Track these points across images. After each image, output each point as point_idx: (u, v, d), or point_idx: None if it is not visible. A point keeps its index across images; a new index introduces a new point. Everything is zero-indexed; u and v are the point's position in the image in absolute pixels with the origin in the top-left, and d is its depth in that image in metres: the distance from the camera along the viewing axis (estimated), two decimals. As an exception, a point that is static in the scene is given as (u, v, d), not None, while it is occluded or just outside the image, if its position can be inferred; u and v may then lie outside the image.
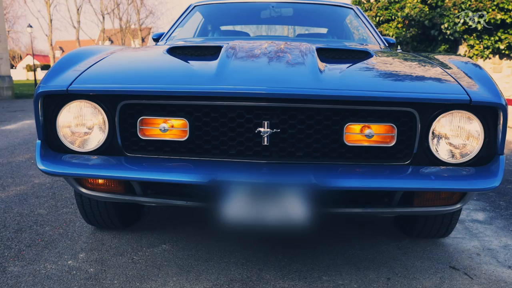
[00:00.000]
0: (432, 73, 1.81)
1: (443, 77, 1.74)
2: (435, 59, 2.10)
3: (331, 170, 1.64)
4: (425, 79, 1.75)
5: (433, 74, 1.79)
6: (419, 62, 2.02)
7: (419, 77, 1.77)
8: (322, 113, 1.65)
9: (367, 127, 1.67)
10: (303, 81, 1.62)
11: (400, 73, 1.82)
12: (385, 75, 1.78)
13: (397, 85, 1.67)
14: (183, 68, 1.86)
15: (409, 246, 2.45)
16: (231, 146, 1.69)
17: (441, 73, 1.79)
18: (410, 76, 1.78)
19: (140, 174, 1.61)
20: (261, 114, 1.64)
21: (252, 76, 1.67)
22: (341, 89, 1.59)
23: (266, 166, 1.64)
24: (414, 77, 1.78)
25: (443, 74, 1.78)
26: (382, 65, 1.94)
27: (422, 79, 1.75)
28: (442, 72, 1.80)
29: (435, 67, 1.90)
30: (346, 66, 1.84)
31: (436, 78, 1.74)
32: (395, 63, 2.02)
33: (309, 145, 1.68)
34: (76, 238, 2.44)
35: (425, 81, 1.73)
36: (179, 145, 1.71)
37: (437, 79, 1.73)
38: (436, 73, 1.80)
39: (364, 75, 1.77)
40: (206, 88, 1.60)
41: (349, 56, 2.03)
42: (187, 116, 1.67)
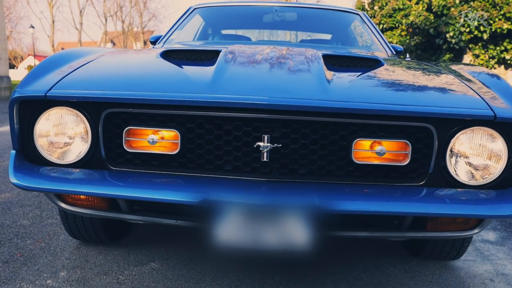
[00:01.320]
0: (450, 84, 1.64)
1: (463, 90, 1.58)
2: (450, 69, 1.94)
3: (337, 191, 1.47)
4: (443, 91, 1.58)
5: (451, 86, 1.63)
6: (435, 73, 1.86)
7: (437, 89, 1.60)
8: (328, 127, 1.48)
9: (378, 144, 1.50)
10: (308, 91, 1.46)
11: (415, 84, 1.65)
12: (399, 86, 1.61)
13: (413, 97, 1.50)
14: (176, 74, 1.69)
15: (416, 269, 2.28)
16: (227, 161, 1.52)
17: (461, 85, 1.63)
18: (427, 88, 1.61)
19: (124, 191, 1.44)
20: (260, 126, 1.47)
21: (252, 84, 1.51)
22: (350, 101, 1.42)
23: (265, 184, 1.48)
24: (431, 89, 1.61)
25: (462, 86, 1.61)
26: (394, 75, 1.77)
27: (440, 91, 1.58)
28: (462, 84, 1.64)
29: (453, 78, 1.74)
30: (356, 75, 1.68)
31: (456, 90, 1.58)
32: (408, 73, 1.85)
33: (313, 162, 1.51)
34: (58, 253, 2.26)
35: (443, 93, 1.56)
36: (169, 159, 1.55)
37: (457, 92, 1.56)
38: (455, 85, 1.63)
39: (376, 86, 1.61)
40: (200, 97, 1.43)
41: (358, 64, 1.87)
42: (179, 127, 1.50)
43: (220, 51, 1.80)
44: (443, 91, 1.58)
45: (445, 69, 1.94)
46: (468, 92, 1.55)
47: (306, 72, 1.61)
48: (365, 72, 1.74)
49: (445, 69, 1.94)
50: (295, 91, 1.46)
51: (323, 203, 1.39)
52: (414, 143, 1.50)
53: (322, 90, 1.47)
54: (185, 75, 1.63)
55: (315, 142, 1.49)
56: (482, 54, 9.82)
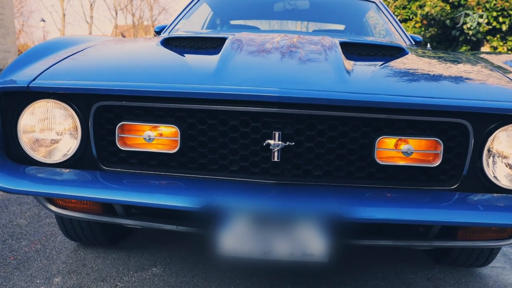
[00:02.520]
0: (487, 75, 1.45)
1: (502, 81, 1.38)
2: (482, 59, 1.74)
3: (357, 195, 1.29)
4: (479, 83, 1.39)
5: (488, 77, 1.43)
6: (466, 62, 1.66)
7: (472, 81, 1.41)
8: (348, 123, 1.30)
9: (404, 142, 1.32)
10: (325, 82, 1.28)
11: (447, 75, 1.46)
12: (428, 76, 1.42)
13: (445, 89, 1.32)
14: (177, 62, 1.52)
15: (440, 276, 2.09)
16: (233, 161, 1.35)
17: (498, 76, 1.43)
18: (461, 79, 1.42)
19: (118, 195, 1.28)
20: (271, 122, 1.29)
21: (261, 74, 1.34)
22: (374, 93, 1.24)
23: (276, 188, 1.30)
24: (465, 80, 1.42)
25: (501, 77, 1.42)
26: (421, 65, 1.58)
27: (476, 83, 1.39)
28: (499, 75, 1.45)
29: (488, 68, 1.54)
30: (378, 64, 1.49)
31: (493, 82, 1.39)
32: (437, 63, 1.66)
33: (331, 162, 1.33)
34: (54, 256, 2.11)
35: (480, 85, 1.37)
36: (168, 158, 1.38)
37: (495, 84, 1.37)
38: (492, 76, 1.44)
39: (402, 76, 1.42)
40: (203, 88, 1.26)
41: (380, 52, 1.68)
42: (178, 122, 1.33)
43: (226, 39, 1.62)
44: (479, 83, 1.39)
45: (477, 59, 1.74)
46: (508, 84, 1.36)
47: (322, 61, 1.43)
48: (388, 61, 1.56)
49: (477, 59, 1.74)
50: (310, 82, 1.28)
51: (342, 210, 1.21)
52: (446, 141, 1.31)
53: (341, 81, 1.29)
54: (187, 64, 1.46)
55: (333, 140, 1.31)
56: (501, 46, 9.46)
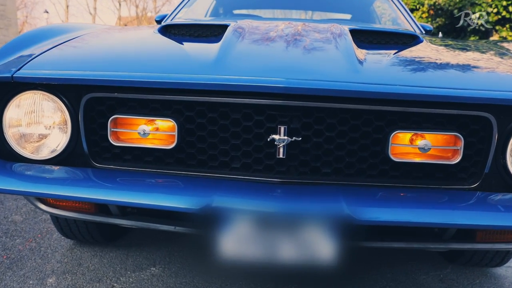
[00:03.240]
0: (510, 65, 1.33)
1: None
2: (502, 47, 1.62)
3: (369, 195, 1.19)
4: (503, 73, 1.28)
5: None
6: (486, 51, 1.55)
7: (495, 70, 1.30)
8: (360, 116, 1.19)
9: (421, 137, 1.21)
10: (335, 72, 1.17)
11: (467, 64, 1.35)
12: (447, 66, 1.32)
13: (467, 80, 1.21)
14: (174, 51, 1.42)
15: (453, 277, 2.00)
16: (234, 158, 1.25)
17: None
18: (482, 69, 1.31)
19: (110, 195, 1.18)
20: (276, 115, 1.19)
21: (266, 63, 1.23)
22: (389, 84, 1.13)
23: (281, 187, 1.20)
24: (487, 70, 1.31)
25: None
26: (438, 53, 1.47)
27: (500, 73, 1.28)
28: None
29: (511, 57, 1.43)
30: (392, 53, 1.38)
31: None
32: (454, 51, 1.54)
33: (341, 159, 1.23)
34: (49, 255, 2.02)
35: (504, 75, 1.26)
36: (164, 154, 1.28)
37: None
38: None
39: (418, 66, 1.31)
40: (202, 79, 1.16)
41: (392, 40, 1.57)
42: (176, 115, 1.23)
43: (227, 26, 1.51)
44: (503, 73, 1.28)
45: (496, 47, 1.63)
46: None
47: (332, 50, 1.32)
48: (402, 49, 1.45)
49: (496, 47, 1.63)
50: (319, 71, 1.18)
51: (353, 211, 1.11)
52: (467, 136, 1.20)
53: (353, 71, 1.18)
54: (185, 53, 1.36)
55: (343, 134, 1.20)
56: (510, 36, 9.27)
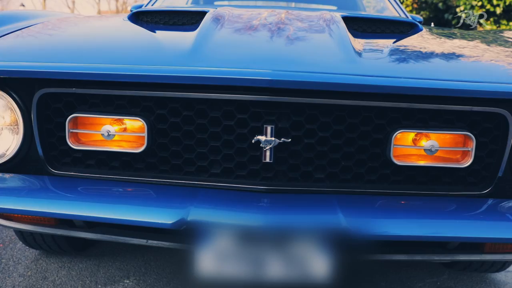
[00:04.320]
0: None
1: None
2: (507, 37, 1.49)
3: (369, 204, 1.04)
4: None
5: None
6: (493, 42, 1.41)
7: (509, 62, 1.16)
8: (359, 113, 1.04)
9: (427, 137, 1.06)
10: (330, 63, 1.02)
11: (476, 55, 1.21)
12: (455, 57, 1.17)
13: (478, 72, 1.07)
14: (145, 40, 1.25)
15: (450, 284, 1.87)
16: (214, 162, 1.08)
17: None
18: (494, 60, 1.17)
19: (70, 208, 1.01)
20: (261, 113, 1.03)
21: (248, 53, 1.08)
22: (392, 76, 0.98)
23: (268, 195, 1.05)
24: (499, 61, 1.16)
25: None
26: (442, 43, 1.33)
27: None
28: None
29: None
30: (391, 42, 1.24)
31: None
32: (459, 42, 1.40)
33: (336, 163, 1.07)
34: (11, 268, 1.83)
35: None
36: (133, 159, 1.10)
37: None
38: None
39: (422, 56, 1.16)
40: (175, 70, 0.99)
41: (388, 29, 1.42)
42: (145, 114, 1.06)
43: (205, 13, 1.34)
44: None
45: (501, 37, 1.49)
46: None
47: (324, 38, 1.17)
48: (401, 38, 1.30)
49: (501, 37, 1.49)
50: (311, 62, 1.02)
51: (352, 224, 0.96)
52: (479, 136, 1.06)
53: (349, 61, 1.03)
54: (156, 42, 1.19)
55: (339, 135, 1.05)
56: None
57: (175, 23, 1.39)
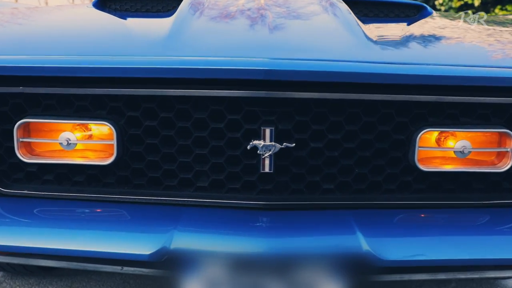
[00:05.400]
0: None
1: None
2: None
3: (391, 221, 0.86)
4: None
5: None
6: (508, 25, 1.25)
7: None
8: (377, 110, 0.85)
9: (456, 137, 0.89)
10: (339, 48, 0.83)
11: (505, 41, 1.04)
12: (482, 42, 1.00)
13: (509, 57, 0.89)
14: (111, 29, 1.06)
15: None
16: (200, 174, 0.89)
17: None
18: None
19: (23, 239, 0.81)
20: (258, 113, 0.84)
21: (238, 39, 0.88)
22: (418, 63, 0.80)
23: (267, 214, 0.86)
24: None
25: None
26: (461, 27, 1.16)
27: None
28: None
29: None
30: (402, 26, 1.07)
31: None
32: (478, 26, 1.23)
33: (348, 170, 0.88)
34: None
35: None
36: (100, 172, 0.90)
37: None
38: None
39: (445, 41, 0.99)
40: (149, 62, 0.80)
41: (393, 13, 1.25)
42: (114, 117, 0.86)
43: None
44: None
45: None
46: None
47: (328, 21, 0.98)
48: (412, 22, 1.13)
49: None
50: (316, 48, 0.84)
51: (375, 247, 0.78)
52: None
53: (363, 46, 0.85)
54: (126, 30, 1.01)
55: (353, 137, 0.86)
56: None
57: (149, 10, 1.20)
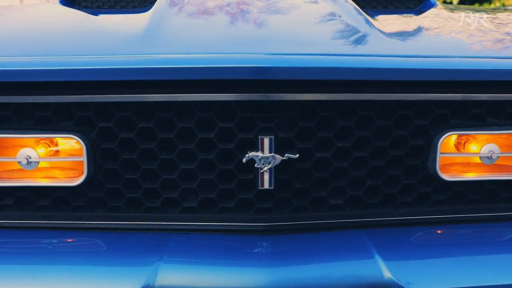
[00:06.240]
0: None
1: None
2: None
3: (413, 240, 0.75)
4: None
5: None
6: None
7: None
8: (392, 112, 0.73)
9: (481, 141, 0.77)
10: (349, 41, 0.71)
11: None
12: (501, 33, 0.89)
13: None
14: (80, 27, 0.93)
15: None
16: (187, 192, 0.76)
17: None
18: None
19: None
20: (254, 119, 0.71)
21: (228, 33, 0.76)
22: (442, 56, 0.69)
23: (267, 238, 0.73)
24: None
25: None
26: (473, 18, 1.05)
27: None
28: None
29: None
30: (409, 18, 0.97)
31: None
32: (488, 15, 1.13)
33: (359, 183, 0.76)
34: None
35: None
36: (69, 194, 0.76)
37: None
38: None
39: (460, 34, 0.88)
40: (122, 61, 0.67)
41: (392, 5, 1.15)
42: (83, 129, 0.72)
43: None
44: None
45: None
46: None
47: (330, 11, 0.86)
48: (419, 13, 1.03)
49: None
50: (318, 41, 0.72)
51: (398, 274, 0.65)
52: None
53: (371, 38, 0.73)
54: (97, 28, 0.88)
55: (365, 143, 0.74)
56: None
57: (123, 7, 1.07)
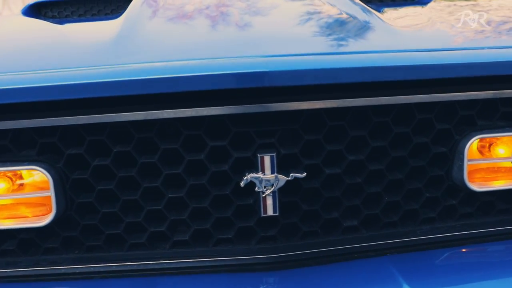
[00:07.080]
0: None
1: None
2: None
3: (440, 263, 0.65)
4: None
5: None
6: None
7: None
8: (411, 116, 0.63)
9: (510, 142, 0.68)
10: (354, 38, 0.62)
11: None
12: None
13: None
14: (43, 39, 0.82)
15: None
16: (176, 224, 0.65)
17: None
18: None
19: None
20: (251, 135, 0.60)
21: (214, 36, 0.66)
22: (465, 48, 0.59)
23: (274, 274, 0.62)
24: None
25: None
26: (481, 6, 0.97)
27: None
28: None
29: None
30: (412, 10, 0.88)
31: None
32: (496, 7, 1.05)
33: (376, 200, 0.66)
34: None
35: None
36: (37, 236, 0.64)
37: None
38: None
39: (473, 25, 0.79)
40: (89, 75, 0.57)
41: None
42: (48, 157, 0.61)
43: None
44: None
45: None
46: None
47: (329, 9, 0.76)
48: (424, 4, 0.94)
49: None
50: (318, 40, 0.62)
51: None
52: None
53: (387, 33, 0.63)
54: (63, 40, 0.78)
55: (382, 155, 0.64)
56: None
57: (95, 15, 0.96)
